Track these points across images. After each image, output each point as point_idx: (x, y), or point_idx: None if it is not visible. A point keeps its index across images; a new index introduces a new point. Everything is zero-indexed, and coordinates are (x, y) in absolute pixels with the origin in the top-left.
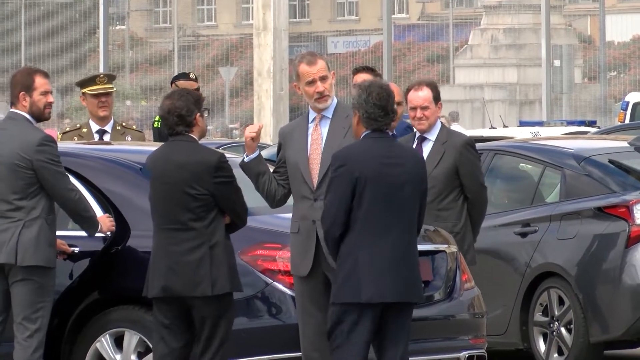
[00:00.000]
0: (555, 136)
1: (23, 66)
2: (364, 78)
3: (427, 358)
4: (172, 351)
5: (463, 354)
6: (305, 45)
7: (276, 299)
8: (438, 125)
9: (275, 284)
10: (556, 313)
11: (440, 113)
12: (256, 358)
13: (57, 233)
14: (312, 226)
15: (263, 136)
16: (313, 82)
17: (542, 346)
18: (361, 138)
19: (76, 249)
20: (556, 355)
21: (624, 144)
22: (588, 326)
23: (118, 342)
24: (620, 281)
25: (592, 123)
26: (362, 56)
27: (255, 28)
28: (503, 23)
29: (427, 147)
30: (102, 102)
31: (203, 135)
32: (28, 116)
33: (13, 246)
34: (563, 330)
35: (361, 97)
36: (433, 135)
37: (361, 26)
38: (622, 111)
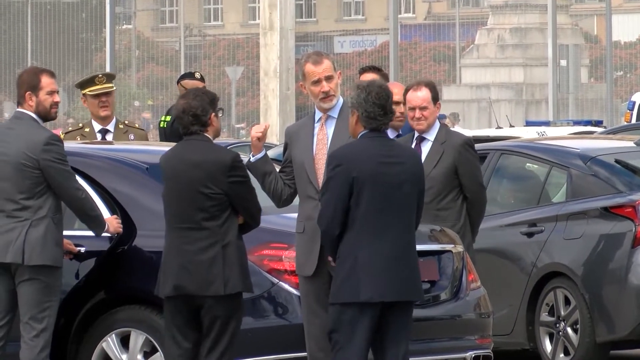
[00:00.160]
0: (561, 136)
1: (29, 66)
2: (371, 78)
3: (433, 358)
4: (184, 351)
5: (469, 354)
6: (311, 44)
7: (282, 299)
8: (437, 125)
9: (281, 284)
10: (562, 313)
11: (439, 113)
12: (262, 358)
13: (64, 233)
14: (317, 226)
15: (269, 136)
16: (318, 82)
17: (549, 346)
18: (359, 137)
19: (82, 249)
20: (562, 355)
21: (631, 144)
22: (594, 326)
23: (124, 342)
24: (626, 281)
25: (599, 123)
26: (369, 56)
27: (261, 28)
28: (509, 23)
29: (426, 147)
30: (103, 102)
31: (217, 134)
32: (34, 116)
33: (20, 245)
34: (569, 330)
35: (360, 97)
36: (432, 135)
37: (367, 26)
38: (629, 111)
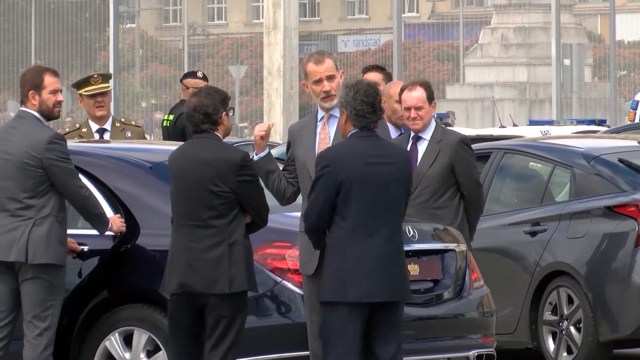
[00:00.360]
0: (565, 135)
1: (33, 65)
2: (374, 77)
3: (437, 357)
4: (188, 349)
5: (472, 353)
6: (315, 43)
7: (285, 298)
8: (433, 124)
9: (284, 283)
10: (565, 312)
11: (434, 112)
12: (265, 357)
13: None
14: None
15: (273, 135)
16: (320, 82)
17: (552, 345)
18: (348, 137)
19: (85, 248)
20: (565, 354)
21: (634, 143)
22: (597, 325)
23: (127, 341)
24: (629, 280)
25: (602, 122)
26: (372, 55)
27: (265, 27)
28: (513, 22)
29: (422, 147)
30: (99, 102)
31: (227, 133)
32: (37, 115)
33: (23, 244)
34: (572, 329)
35: (349, 95)
36: (428, 134)
37: (371, 25)
38: (632, 110)
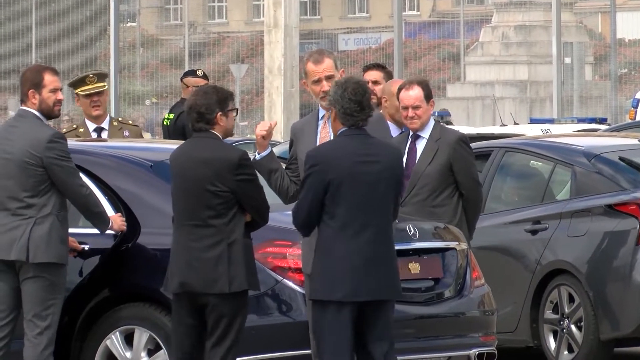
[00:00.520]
0: (565, 133)
1: (33, 63)
2: (375, 75)
3: (438, 355)
4: (191, 348)
5: (473, 352)
6: (316, 42)
7: (286, 297)
8: (431, 122)
9: (285, 282)
10: (566, 310)
11: (432, 110)
12: (266, 355)
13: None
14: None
15: (274, 133)
16: (319, 81)
17: (553, 343)
18: (337, 135)
19: (86, 247)
20: (566, 352)
21: (635, 142)
22: (598, 323)
23: (128, 340)
24: (630, 278)
25: (603, 120)
26: (373, 53)
27: (266, 25)
28: (514, 20)
29: (421, 145)
30: (95, 102)
31: (227, 133)
32: (38, 113)
33: (24, 243)
34: (573, 327)
35: (337, 93)
36: (426, 132)
37: (372, 23)
38: (633, 109)
